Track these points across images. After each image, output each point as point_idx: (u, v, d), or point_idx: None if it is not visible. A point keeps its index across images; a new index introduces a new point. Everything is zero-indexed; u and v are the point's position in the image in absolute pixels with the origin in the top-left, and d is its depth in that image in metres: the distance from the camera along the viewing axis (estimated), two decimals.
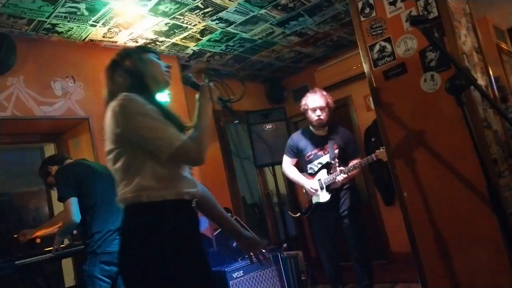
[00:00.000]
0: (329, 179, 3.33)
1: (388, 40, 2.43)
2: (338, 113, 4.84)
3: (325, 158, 3.39)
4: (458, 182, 2.20)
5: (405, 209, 2.42)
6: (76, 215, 2.68)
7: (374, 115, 2.96)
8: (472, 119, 1.66)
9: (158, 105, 1.54)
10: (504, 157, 2.34)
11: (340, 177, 3.26)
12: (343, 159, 3.42)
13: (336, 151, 3.39)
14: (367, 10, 2.50)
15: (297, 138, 3.57)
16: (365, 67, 2.55)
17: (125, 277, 1.46)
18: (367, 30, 2.51)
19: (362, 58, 2.56)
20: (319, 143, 3.44)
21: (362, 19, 2.53)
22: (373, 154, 3.13)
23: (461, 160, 2.17)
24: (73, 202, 2.69)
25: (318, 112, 3.34)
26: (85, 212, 2.74)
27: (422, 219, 2.35)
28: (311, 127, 3.53)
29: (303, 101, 3.46)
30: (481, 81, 2.41)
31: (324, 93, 3.45)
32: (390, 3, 2.40)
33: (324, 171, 3.38)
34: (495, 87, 2.59)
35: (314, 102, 3.36)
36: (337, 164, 3.34)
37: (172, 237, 1.43)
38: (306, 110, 3.43)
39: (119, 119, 1.43)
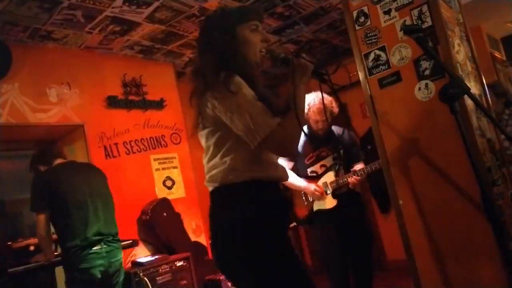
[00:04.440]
0: (338, 182, 2.94)
1: (382, 48, 2.44)
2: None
3: (329, 160, 3.04)
4: (452, 190, 2.21)
5: (400, 217, 2.42)
6: (43, 230, 2.64)
7: (370, 123, 2.96)
8: (465, 127, 1.67)
9: (252, 84, 1.45)
10: (498, 165, 2.35)
11: (353, 179, 2.89)
12: (347, 162, 3.09)
13: (342, 151, 3.06)
14: (362, 19, 2.52)
15: None
16: (360, 76, 2.56)
17: (219, 256, 1.46)
18: (362, 38, 2.53)
19: (357, 66, 2.57)
20: (322, 143, 3.06)
21: (357, 27, 2.55)
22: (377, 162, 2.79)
23: (456, 168, 2.18)
24: (41, 217, 2.64)
25: (320, 124, 2.98)
26: (59, 224, 2.71)
27: (417, 227, 2.35)
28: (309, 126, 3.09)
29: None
30: (475, 90, 2.43)
31: (326, 101, 2.93)
32: (385, 12, 2.42)
33: (331, 173, 3.00)
34: (488, 95, 2.60)
35: (315, 117, 2.97)
36: (343, 167, 3.01)
37: (261, 218, 1.40)
38: (307, 118, 3.01)
39: (214, 100, 1.39)
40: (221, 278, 3.48)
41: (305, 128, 3.08)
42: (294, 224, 3.24)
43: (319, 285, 4.21)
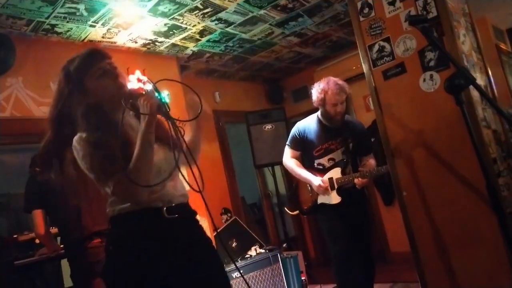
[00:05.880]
0: (344, 180, 2.90)
1: (387, 40, 2.43)
2: None
3: (338, 154, 2.97)
4: (457, 182, 2.20)
5: (404, 208, 2.42)
6: (40, 228, 2.66)
7: (373, 116, 2.94)
8: (471, 118, 1.66)
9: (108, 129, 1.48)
10: (503, 156, 2.34)
11: (359, 181, 2.84)
12: (357, 154, 3.07)
13: (351, 145, 2.99)
14: (366, 10, 2.51)
15: (305, 128, 3.06)
16: (364, 67, 2.55)
17: None
18: (366, 30, 2.52)
19: (361, 58, 2.56)
20: (331, 136, 2.98)
21: (361, 19, 2.53)
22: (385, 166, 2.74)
23: (461, 159, 2.17)
24: (36, 214, 2.66)
25: (339, 107, 2.88)
26: (55, 220, 2.74)
27: (421, 218, 2.35)
28: (321, 117, 3.04)
29: (319, 95, 2.92)
30: (480, 81, 2.42)
31: (340, 82, 2.93)
32: (389, 3, 2.40)
33: (338, 169, 2.95)
34: (494, 87, 2.59)
35: (335, 98, 2.86)
36: (350, 164, 2.99)
37: (127, 248, 1.47)
38: (322, 105, 2.94)
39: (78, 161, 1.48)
40: (225, 269, 3.49)
41: (319, 115, 3.06)
42: (296, 212, 3.27)
43: (323, 276, 4.25)
